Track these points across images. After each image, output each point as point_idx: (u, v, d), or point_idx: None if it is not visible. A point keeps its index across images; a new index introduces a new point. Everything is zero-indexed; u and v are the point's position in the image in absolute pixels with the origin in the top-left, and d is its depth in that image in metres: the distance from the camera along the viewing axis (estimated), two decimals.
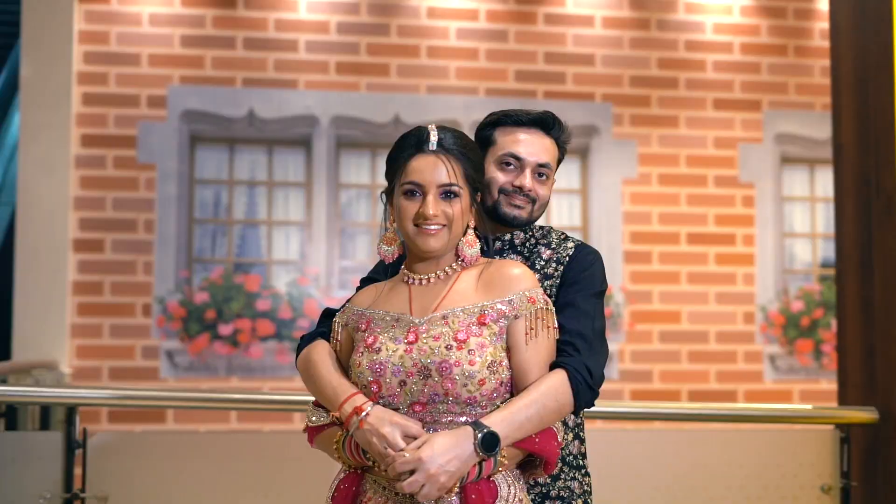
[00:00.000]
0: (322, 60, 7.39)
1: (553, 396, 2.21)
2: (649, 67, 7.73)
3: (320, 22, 7.40)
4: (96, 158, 7.09)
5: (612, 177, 7.64)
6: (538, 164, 2.54)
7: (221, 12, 7.30)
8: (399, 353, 2.20)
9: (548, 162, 2.56)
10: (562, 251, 2.53)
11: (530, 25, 7.63)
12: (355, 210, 7.42)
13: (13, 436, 3.95)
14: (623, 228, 7.61)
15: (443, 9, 7.54)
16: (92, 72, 7.13)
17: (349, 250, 7.36)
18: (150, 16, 7.23)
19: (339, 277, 7.29)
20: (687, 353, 7.59)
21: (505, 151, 2.53)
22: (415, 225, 2.27)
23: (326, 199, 7.31)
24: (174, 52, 7.24)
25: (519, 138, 2.54)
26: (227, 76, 7.29)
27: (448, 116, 7.39)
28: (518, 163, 2.53)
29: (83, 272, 7.03)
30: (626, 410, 4.11)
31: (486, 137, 2.58)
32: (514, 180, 2.52)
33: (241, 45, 7.32)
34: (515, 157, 2.53)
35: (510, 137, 2.54)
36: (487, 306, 2.25)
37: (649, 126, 7.70)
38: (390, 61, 7.46)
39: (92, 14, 7.15)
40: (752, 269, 7.74)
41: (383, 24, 7.47)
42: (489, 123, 2.60)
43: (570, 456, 2.53)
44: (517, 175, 2.53)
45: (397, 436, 2.13)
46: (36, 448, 3.47)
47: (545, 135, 2.57)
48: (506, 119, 2.57)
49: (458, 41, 7.55)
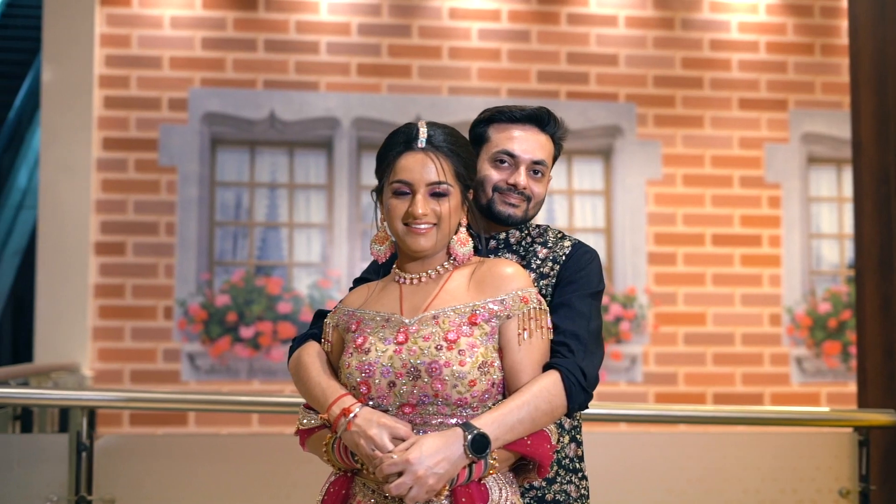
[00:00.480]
0: (343, 62, 7.37)
1: (546, 398, 2.15)
2: (673, 67, 7.65)
3: (341, 23, 7.38)
4: (118, 161, 7.11)
5: (635, 178, 7.56)
6: (533, 161, 2.47)
7: (242, 14, 7.30)
8: (388, 354, 2.16)
9: (542, 159, 2.49)
10: (558, 250, 2.47)
11: (553, 25, 7.57)
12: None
13: (20, 438, 3.94)
14: (647, 230, 7.53)
15: (464, 9, 7.50)
16: (113, 75, 7.14)
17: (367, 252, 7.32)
18: (172, 18, 7.23)
19: None
20: (712, 355, 7.50)
21: (499, 149, 2.48)
22: (404, 224, 2.22)
23: (348, 201, 7.28)
24: (195, 54, 7.24)
25: (513, 135, 2.48)
26: (248, 78, 7.29)
27: (470, 118, 7.27)
28: (512, 160, 2.47)
29: (105, 275, 7.04)
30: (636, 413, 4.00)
31: (480, 134, 2.53)
32: (508, 178, 2.46)
33: (262, 48, 7.31)
34: (510, 155, 2.47)
35: (504, 134, 2.49)
36: (479, 306, 2.20)
37: (673, 126, 7.62)
38: (412, 63, 7.42)
39: (113, 17, 7.16)
40: (778, 270, 7.64)
41: (405, 25, 7.44)
42: (483, 120, 2.54)
43: (567, 459, 2.46)
44: (511, 173, 2.47)
45: (385, 437, 2.09)
46: (43, 450, 3.46)
47: (540, 131, 2.51)
48: (499, 115, 2.52)
49: (480, 42, 7.50)
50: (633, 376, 7.41)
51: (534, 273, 2.44)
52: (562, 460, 2.45)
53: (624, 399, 7.34)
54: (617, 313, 7.39)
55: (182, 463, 3.60)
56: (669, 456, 3.82)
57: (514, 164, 2.47)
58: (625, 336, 7.40)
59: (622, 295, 7.43)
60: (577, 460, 2.49)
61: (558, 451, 2.43)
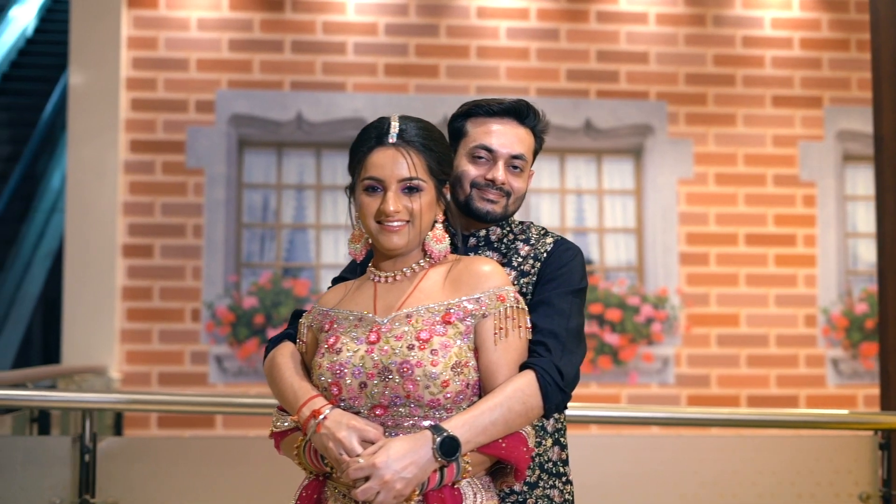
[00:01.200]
0: (370, 62, 7.32)
1: (520, 399, 2.08)
2: (705, 64, 7.54)
3: (368, 24, 7.33)
4: (145, 164, 7.10)
5: (667, 177, 7.46)
6: (511, 155, 2.41)
7: (269, 16, 7.27)
8: (360, 354, 2.11)
9: (522, 153, 2.42)
10: (540, 247, 2.41)
11: (582, 24, 7.48)
12: None
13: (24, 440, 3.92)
14: (679, 230, 7.43)
15: (492, 8, 7.42)
16: (140, 77, 7.14)
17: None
18: (199, 20, 7.21)
19: None
20: (746, 357, 7.38)
21: (476, 143, 2.41)
22: (377, 222, 2.17)
23: None
24: (222, 56, 7.22)
25: (491, 129, 2.42)
26: (274, 80, 7.25)
27: None
28: (490, 155, 2.40)
29: (132, 277, 7.03)
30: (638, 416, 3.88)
31: (458, 129, 2.47)
32: (486, 173, 2.40)
33: (289, 49, 7.27)
34: (487, 149, 2.40)
35: (482, 129, 2.42)
36: (454, 305, 2.14)
37: (705, 125, 7.51)
38: (439, 62, 7.36)
39: (140, 19, 7.16)
40: (813, 270, 7.51)
41: (432, 24, 7.38)
42: (461, 114, 2.48)
43: (550, 463, 2.38)
44: (490, 168, 2.40)
45: (354, 440, 2.02)
46: (47, 453, 3.44)
47: (519, 124, 2.45)
48: (477, 109, 2.45)
49: (509, 41, 7.43)
50: (665, 378, 7.31)
51: (514, 271, 2.37)
52: (544, 464, 2.37)
53: (656, 401, 7.24)
54: (648, 314, 7.29)
55: (184, 466, 3.58)
56: (682, 459, 3.74)
57: (492, 158, 2.41)
58: (656, 337, 7.30)
59: (653, 296, 7.33)
60: (560, 464, 2.41)
61: (540, 454, 2.36)
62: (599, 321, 7.27)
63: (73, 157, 6.93)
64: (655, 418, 3.79)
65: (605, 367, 7.24)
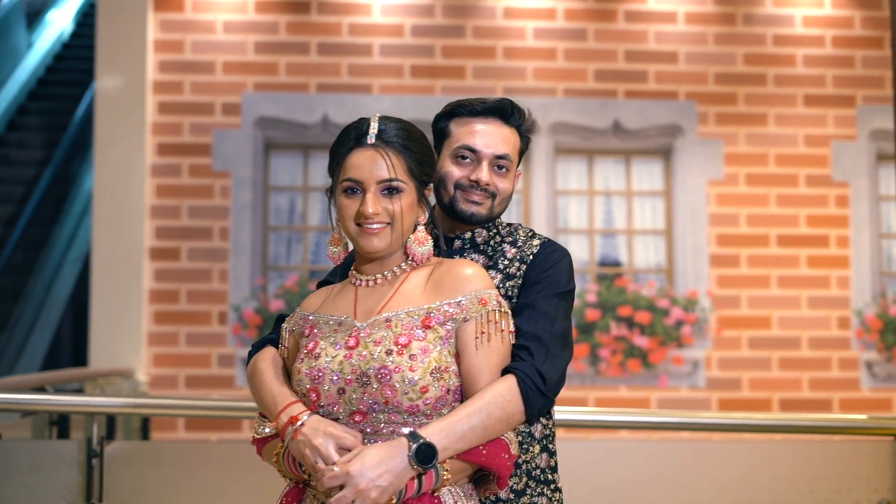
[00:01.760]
0: (396, 64, 7.29)
1: (500, 404, 2.04)
2: (735, 64, 7.44)
3: (394, 25, 7.30)
4: (171, 167, 7.10)
5: (697, 178, 7.37)
6: (496, 155, 2.36)
7: (295, 18, 7.25)
8: (338, 359, 2.07)
9: (506, 153, 2.38)
10: (526, 249, 2.36)
11: (610, 23, 7.41)
12: None
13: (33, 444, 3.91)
14: (709, 231, 7.33)
15: (519, 8, 7.37)
16: (167, 81, 7.14)
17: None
18: (225, 23, 7.21)
19: None
20: (778, 360, 7.28)
21: (459, 144, 2.37)
22: (357, 224, 2.13)
23: None
24: (248, 58, 7.21)
25: (475, 129, 2.37)
26: (300, 82, 7.24)
27: None
28: (474, 155, 2.36)
29: (159, 280, 7.04)
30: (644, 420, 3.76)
31: (442, 129, 2.43)
32: (470, 174, 2.35)
33: (315, 51, 7.25)
34: (471, 150, 2.36)
35: (465, 129, 2.38)
36: (434, 308, 2.10)
37: (736, 124, 7.41)
38: (466, 63, 7.32)
39: (167, 23, 7.16)
40: (846, 271, 7.39)
41: (458, 25, 7.34)
42: (444, 115, 2.44)
43: (538, 470, 2.33)
44: (474, 168, 2.36)
45: (330, 448, 1.98)
46: (55, 456, 3.44)
47: (504, 124, 2.40)
48: (460, 109, 2.41)
49: (536, 41, 7.37)
50: (695, 381, 7.22)
51: (500, 274, 2.33)
52: (532, 471, 2.32)
53: (686, 405, 7.16)
54: (678, 317, 7.20)
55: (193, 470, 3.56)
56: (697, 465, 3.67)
57: (476, 159, 2.36)
58: (686, 340, 7.21)
59: (683, 298, 7.24)
60: (549, 471, 2.35)
61: (528, 461, 2.30)
62: (629, 323, 7.19)
63: (101, 160, 6.94)
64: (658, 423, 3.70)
65: (634, 371, 7.17)
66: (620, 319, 7.19)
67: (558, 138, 7.31)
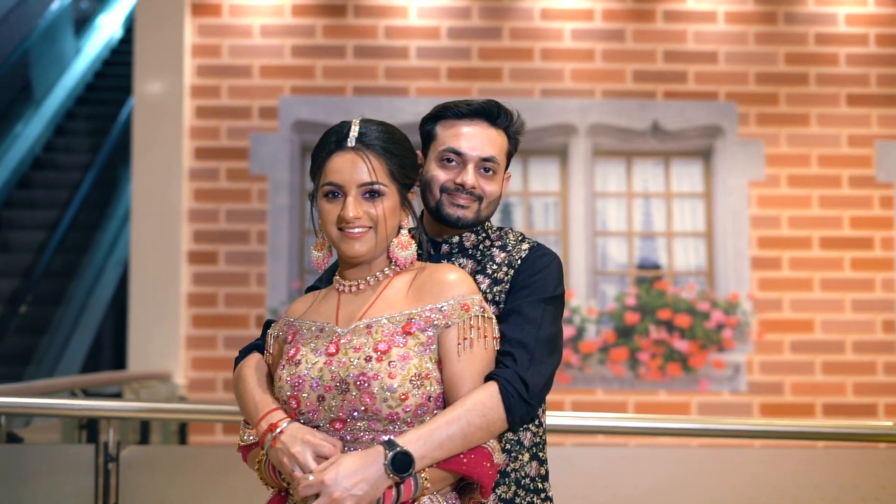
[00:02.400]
0: (433, 66, 7.26)
1: (480, 412, 2.00)
2: (776, 63, 7.34)
3: (431, 27, 7.28)
4: (209, 171, 7.12)
5: (737, 179, 7.27)
6: (481, 158, 2.32)
7: (332, 21, 7.25)
8: (318, 366, 2.04)
9: (493, 155, 2.34)
10: (515, 254, 2.32)
11: (649, 24, 7.34)
12: None
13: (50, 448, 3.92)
14: (750, 233, 7.23)
15: (557, 10, 7.32)
16: (204, 85, 7.17)
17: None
18: (262, 27, 7.22)
19: None
20: (821, 364, 7.16)
21: (445, 146, 2.33)
22: (338, 229, 2.10)
23: None
24: (285, 62, 7.22)
25: (460, 132, 2.34)
26: (337, 85, 7.23)
27: (563, 120, 7.17)
28: (459, 158, 2.32)
29: (197, 284, 7.06)
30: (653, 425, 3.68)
31: (428, 132, 2.40)
32: (455, 177, 2.32)
33: (352, 54, 7.25)
34: (456, 153, 2.32)
35: (451, 131, 2.34)
36: (416, 314, 2.06)
37: (777, 125, 7.31)
38: (503, 65, 7.28)
39: (204, 27, 7.19)
40: (891, 274, 7.26)
41: (495, 27, 7.30)
42: (430, 117, 2.41)
43: (527, 479, 2.28)
44: (459, 172, 2.32)
45: (308, 456, 1.96)
46: (71, 461, 3.43)
47: (490, 126, 2.36)
48: (446, 112, 2.38)
49: (573, 42, 7.31)
50: (736, 386, 7.12)
51: (488, 279, 2.29)
52: (521, 479, 2.27)
53: (727, 410, 7.06)
54: (719, 320, 7.11)
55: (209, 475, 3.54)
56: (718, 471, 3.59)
57: (461, 162, 2.33)
58: (727, 344, 7.12)
59: (724, 301, 7.15)
60: (539, 479, 2.31)
61: (517, 469, 2.26)
62: (668, 327, 7.11)
63: (139, 164, 6.98)
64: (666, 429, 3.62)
65: (674, 375, 7.08)
66: (660, 323, 7.11)
67: (596, 140, 7.25)
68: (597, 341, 7.07)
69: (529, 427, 2.29)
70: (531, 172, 7.26)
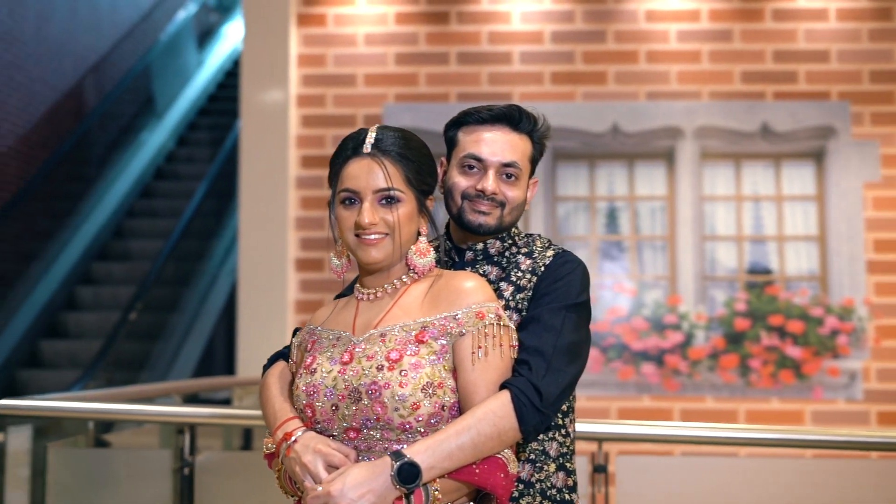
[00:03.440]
0: (537, 71, 7.22)
1: (490, 421, 1.95)
2: (891, 61, 7.10)
3: (534, 32, 7.24)
4: (315, 179, 7.21)
5: (851, 181, 7.05)
6: (502, 163, 2.30)
7: (435, 28, 7.27)
8: (333, 375, 2.02)
9: (514, 160, 2.30)
10: (539, 260, 2.28)
11: (757, 23, 7.17)
12: (573, 223, 7.18)
13: (129, 453, 3.98)
14: (866, 236, 7.00)
15: (662, 11, 7.21)
16: (310, 94, 7.26)
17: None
18: (366, 36, 7.29)
19: None
20: None
21: (465, 153, 2.31)
22: (355, 235, 2.09)
23: (543, 212, 7.12)
24: (389, 70, 7.27)
25: (481, 137, 2.31)
26: (440, 92, 7.25)
27: (669, 123, 7.05)
28: (480, 164, 2.30)
29: (304, 291, 7.14)
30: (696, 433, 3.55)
31: (450, 139, 2.38)
32: (476, 184, 2.29)
33: (455, 60, 7.25)
34: (477, 158, 2.30)
35: (472, 137, 2.32)
36: (430, 322, 2.03)
37: (893, 124, 7.06)
38: (607, 69, 7.20)
39: (309, 37, 7.28)
40: None
41: (599, 30, 7.22)
42: (453, 123, 2.39)
43: (553, 490, 2.23)
44: (480, 178, 2.29)
45: (319, 466, 1.95)
46: (150, 466, 3.48)
47: (512, 131, 2.32)
48: (467, 118, 2.35)
49: (679, 44, 7.19)
50: (852, 394, 6.90)
51: (512, 286, 2.25)
52: (547, 490, 2.22)
53: (843, 418, 6.84)
54: (833, 326, 6.90)
55: None
56: (832, 484, 3.45)
57: (482, 168, 2.30)
58: (842, 351, 6.90)
59: (838, 307, 6.94)
60: (566, 490, 2.25)
61: (542, 480, 2.21)
62: (780, 333, 6.93)
63: (246, 174, 7.10)
64: (776, 440, 3.49)
65: (786, 382, 6.90)
66: (772, 329, 6.93)
67: (704, 143, 7.11)
68: (706, 348, 6.93)
69: (555, 437, 2.25)
70: (637, 176, 7.16)
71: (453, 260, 2.32)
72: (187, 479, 3.42)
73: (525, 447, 2.19)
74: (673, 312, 6.95)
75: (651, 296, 7.02)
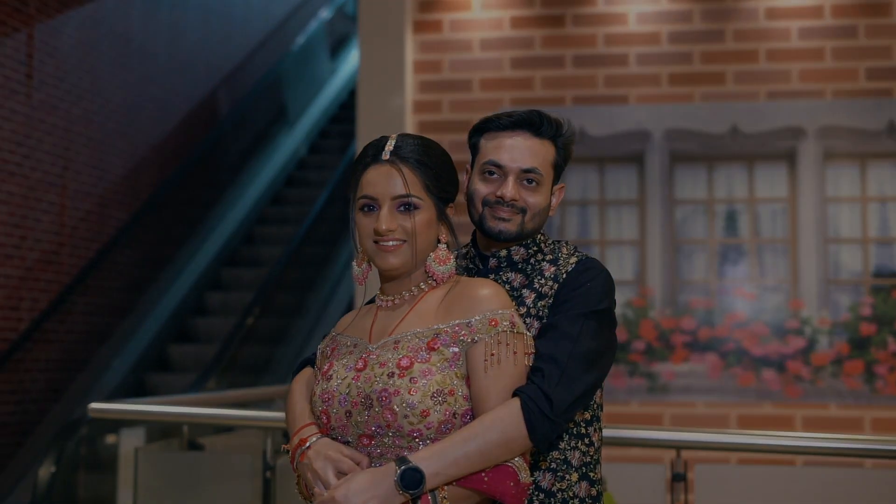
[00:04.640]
0: (653, 73, 7.14)
1: (498, 429, 1.93)
2: None
3: (651, 33, 7.16)
4: None
5: None
6: (522, 169, 2.27)
7: (550, 32, 7.26)
8: (347, 382, 2.04)
9: (534, 166, 2.27)
10: (562, 268, 2.24)
11: (883, 18, 6.95)
12: (692, 227, 7.07)
13: (216, 456, 4.07)
14: None
15: (783, 8, 7.04)
16: (426, 100, 7.33)
17: (685, 269, 7.02)
18: (481, 41, 7.33)
19: (677, 297, 6.97)
20: None
21: (486, 159, 2.31)
22: (374, 242, 2.09)
23: (661, 215, 7.03)
24: (504, 75, 7.29)
25: (502, 144, 2.30)
26: (556, 95, 7.23)
27: (791, 123, 6.88)
28: (500, 171, 2.29)
29: None
30: None
31: (473, 146, 2.39)
32: (496, 190, 2.28)
33: (570, 63, 7.23)
34: (496, 165, 2.29)
35: (493, 143, 2.32)
36: (442, 329, 2.03)
37: None
38: (726, 69, 7.07)
39: (426, 44, 7.36)
40: None
41: (718, 30, 7.10)
42: (475, 130, 2.40)
43: (576, 499, 2.18)
44: (500, 184, 2.28)
45: (329, 472, 1.96)
46: (233, 468, 3.55)
47: (533, 136, 2.31)
48: (489, 124, 2.35)
49: (801, 41, 7.02)
50: None
51: (535, 293, 2.22)
52: (569, 500, 2.17)
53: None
54: None
55: None
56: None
57: (502, 174, 2.28)
58: None
59: None
60: (589, 500, 2.20)
61: (564, 489, 2.16)
62: None
63: None
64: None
65: None
66: None
67: (827, 143, 6.91)
68: (829, 353, 6.73)
69: (578, 446, 2.21)
70: (757, 178, 7.01)
71: (478, 267, 2.32)
72: (268, 481, 3.49)
73: (546, 456, 2.17)
74: (795, 317, 6.77)
75: (772, 300, 6.86)
